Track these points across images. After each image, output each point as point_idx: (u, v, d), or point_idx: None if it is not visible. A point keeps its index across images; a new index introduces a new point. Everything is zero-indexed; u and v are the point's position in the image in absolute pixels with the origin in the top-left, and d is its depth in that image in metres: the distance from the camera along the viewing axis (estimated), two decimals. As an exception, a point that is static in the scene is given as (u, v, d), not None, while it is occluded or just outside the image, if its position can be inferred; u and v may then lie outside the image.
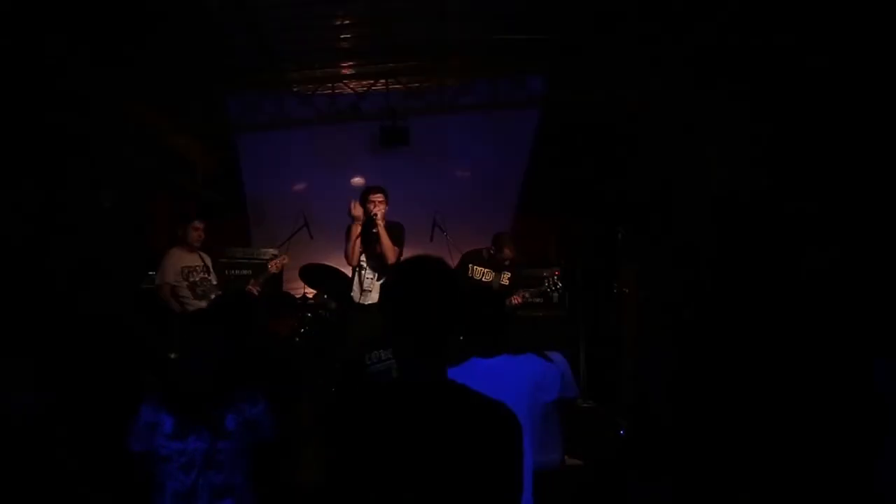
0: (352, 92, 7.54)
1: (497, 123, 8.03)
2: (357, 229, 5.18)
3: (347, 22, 6.35)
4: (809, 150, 4.32)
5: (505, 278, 5.64)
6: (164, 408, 2.20)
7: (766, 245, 4.73)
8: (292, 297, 7.00)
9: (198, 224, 5.46)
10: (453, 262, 5.95)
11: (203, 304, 5.21)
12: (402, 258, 5.42)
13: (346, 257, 5.31)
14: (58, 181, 5.54)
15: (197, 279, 5.37)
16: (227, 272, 6.54)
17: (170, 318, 5.18)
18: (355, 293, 5.27)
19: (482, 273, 5.64)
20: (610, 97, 6.97)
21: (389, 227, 5.17)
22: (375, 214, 5.05)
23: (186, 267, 5.35)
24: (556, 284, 5.66)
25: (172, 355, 4.36)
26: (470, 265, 5.68)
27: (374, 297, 5.14)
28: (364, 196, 5.19)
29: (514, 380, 2.63)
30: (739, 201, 5.12)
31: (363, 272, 5.25)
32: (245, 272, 6.66)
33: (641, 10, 5.51)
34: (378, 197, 5.12)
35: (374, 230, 5.06)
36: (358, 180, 8.59)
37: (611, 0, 5.65)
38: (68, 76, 5.31)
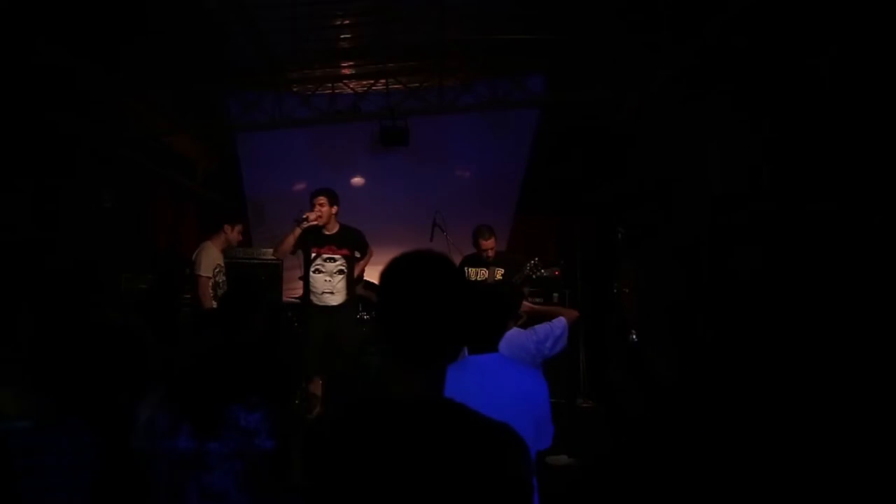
0: (352, 92, 7.53)
1: (497, 123, 8.03)
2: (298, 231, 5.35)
3: (347, 22, 6.34)
4: (809, 150, 4.32)
5: (499, 274, 5.64)
6: (161, 405, 2.18)
7: (765, 245, 4.73)
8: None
9: (241, 227, 5.75)
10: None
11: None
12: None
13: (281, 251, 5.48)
14: (58, 181, 5.54)
15: (220, 280, 5.44)
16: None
17: (171, 317, 5.22)
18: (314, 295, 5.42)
19: (477, 273, 5.66)
20: (609, 97, 6.97)
21: (347, 232, 5.50)
22: (306, 218, 5.30)
23: (218, 265, 5.45)
24: (537, 268, 5.60)
25: (178, 353, 4.36)
26: (466, 268, 5.71)
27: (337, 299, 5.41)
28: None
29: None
30: (739, 201, 5.12)
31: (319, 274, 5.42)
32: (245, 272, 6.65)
33: (641, 10, 5.51)
34: (321, 199, 5.40)
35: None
36: (358, 180, 8.61)
37: (611, 0, 5.65)
38: (67, 76, 5.31)
